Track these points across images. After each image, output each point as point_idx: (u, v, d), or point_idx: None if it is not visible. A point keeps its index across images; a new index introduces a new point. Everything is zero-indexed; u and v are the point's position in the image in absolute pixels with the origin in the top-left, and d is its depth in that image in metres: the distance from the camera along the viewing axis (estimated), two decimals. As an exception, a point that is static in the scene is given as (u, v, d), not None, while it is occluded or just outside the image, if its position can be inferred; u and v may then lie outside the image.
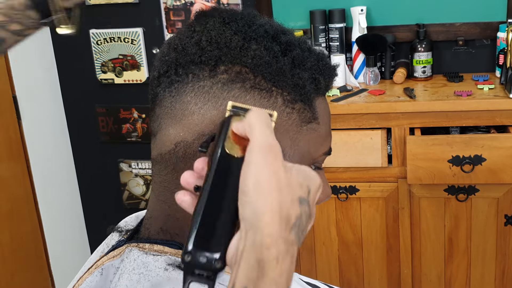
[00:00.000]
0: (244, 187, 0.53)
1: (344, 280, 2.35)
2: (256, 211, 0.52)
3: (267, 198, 0.52)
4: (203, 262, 0.54)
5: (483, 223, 2.16)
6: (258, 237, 0.52)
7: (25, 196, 2.53)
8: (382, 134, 2.13)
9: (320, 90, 0.72)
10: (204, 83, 0.67)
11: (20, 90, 2.48)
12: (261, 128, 0.55)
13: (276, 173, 0.53)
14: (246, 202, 0.53)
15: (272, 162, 0.54)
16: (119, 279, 0.69)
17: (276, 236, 0.52)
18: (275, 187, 0.53)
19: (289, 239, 0.53)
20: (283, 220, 0.52)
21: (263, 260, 0.51)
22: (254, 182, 0.53)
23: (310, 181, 0.57)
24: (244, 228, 0.53)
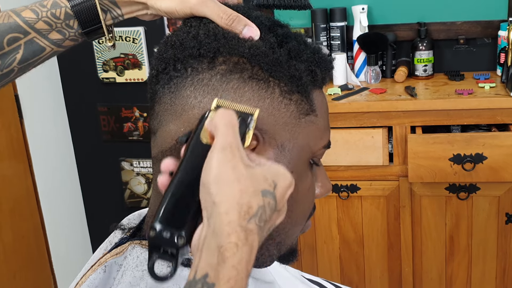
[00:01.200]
0: (205, 180, 0.56)
1: (345, 278, 2.35)
2: (215, 201, 0.55)
3: (226, 189, 0.55)
4: (166, 237, 0.57)
5: (484, 222, 2.17)
6: (218, 225, 0.54)
7: (27, 195, 2.53)
8: (383, 133, 2.14)
9: (317, 82, 0.73)
10: (203, 76, 0.68)
11: (22, 89, 2.48)
12: (223, 129, 0.58)
13: (234, 167, 0.56)
14: (206, 194, 0.56)
15: (231, 158, 0.56)
16: (122, 276, 0.70)
17: (235, 224, 0.54)
18: (234, 179, 0.55)
19: (249, 228, 0.55)
20: (242, 208, 0.55)
21: (223, 246, 0.53)
22: (213, 176, 0.55)
23: (278, 177, 0.59)
24: (205, 217, 0.56)
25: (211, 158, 0.57)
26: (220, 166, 0.56)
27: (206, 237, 0.55)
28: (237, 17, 0.70)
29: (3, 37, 0.74)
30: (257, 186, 0.57)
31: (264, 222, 0.57)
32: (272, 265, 0.81)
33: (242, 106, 0.63)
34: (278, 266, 0.94)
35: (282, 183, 0.59)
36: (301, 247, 2.33)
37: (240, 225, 0.54)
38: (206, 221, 0.56)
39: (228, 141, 0.57)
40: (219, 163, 0.56)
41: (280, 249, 0.75)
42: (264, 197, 0.57)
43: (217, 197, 0.55)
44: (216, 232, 0.54)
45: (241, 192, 0.55)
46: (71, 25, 0.75)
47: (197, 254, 0.55)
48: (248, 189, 0.56)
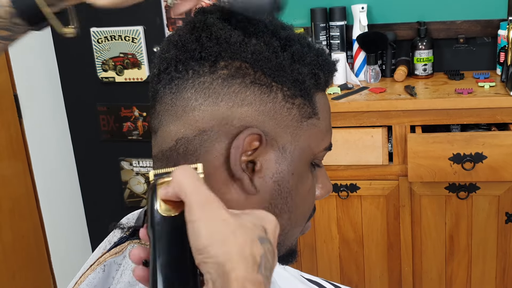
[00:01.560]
0: (198, 246, 0.52)
1: (345, 277, 2.35)
2: (219, 262, 0.51)
3: (225, 245, 0.52)
4: None
5: (484, 221, 2.16)
6: (225, 283, 0.51)
7: (26, 195, 2.53)
8: (383, 132, 2.13)
9: (320, 85, 0.73)
10: (204, 79, 0.67)
11: (21, 88, 2.48)
12: (191, 183, 0.54)
13: (224, 221, 0.53)
14: (206, 258, 0.52)
15: (216, 212, 0.53)
16: (121, 275, 0.70)
17: (242, 279, 0.51)
18: (229, 233, 0.52)
19: (258, 280, 0.52)
20: (248, 261, 0.52)
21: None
22: (206, 237, 0.52)
23: (264, 221, 0.56)
24: (210, 279, 0.52)
25: (194, 219, 0.53)
26: (209, 224, 0.52)
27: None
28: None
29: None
30: (252, 234, 0.53)
31: (269, 270, 0.54)
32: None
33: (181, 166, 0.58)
34: (277, 267, 0.94)
35: (270, 226, 0.56)
36: (300, 247, 2.33)
37: (247, 279, 0.51)
38: (212, 284, 0.52)
39: (203, 195, 0.54)
40: (206, 222, 0.52)
41: (279, 250, 0.75)
42: (263, 244, 0.54)
43: (219, 257, 0.51)
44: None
45: (241, 246, 0.52)
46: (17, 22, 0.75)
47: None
48: (246, 240, 0.52)
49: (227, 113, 0.66)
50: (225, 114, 0.66)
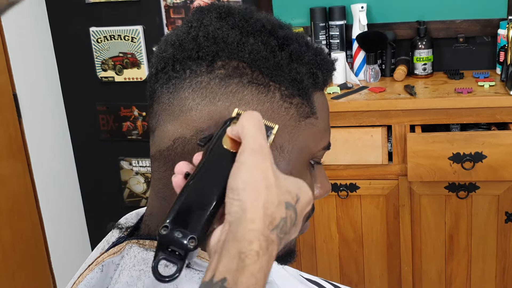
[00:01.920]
0: (233, 185, 0.55)
1: (345, 277, 2.35)
2: (243, 208, 0.54)
3: (255, 195, 0.54)
4: (178, 238, 0.56)
5: (483, 221, 2.16)
6: (241, 230, 0.53)
7: (26, 194, 2.53)
8: (382, 132, 2.13)
9: (318, 84, 0.72)
10: (202, 79, 0.67)
11: (20, 88, 2.48)
12: (252, 130, 0.57)
13: (264, 173, 0.55)
14: (234, 199, 0.55)
15: (261, 163, 0.55)
16: (120, 275, 0.69)
17: (259, 232, 0.53)
18: (264, 186, 0.55)
19: (270, 238, 0.54)
20: (267, 218, 0.54)
21: (244, 253, 0.53)
22: (243, 181, 0.55)
23: (301, 191, 0.59)
24: (228, 221, 0.55)
25: (241, 160, 0.56)
26: (251, 170, 0.55)
27: (227, 241, 0.54)
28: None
29: None
30: (282, 197, 0.56)
31: (284, 234, 0.56)
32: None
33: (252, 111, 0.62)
34: (276, 266, 0.94)
35: (304, 199, 0.59)
36: (300, 247, 2.33)
37: (263, 234, 0.54)
38: (228, 226, 0.55)
39: (258, 142, 0.56)
40: (249, 166, 0.55)
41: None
42: (287, 210, 0.56)
43: (246, 203, 0.54)
44: (238, 238, 0.53)
45: (268, 202, 0.54)
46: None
47: (214, 256, 0.55)
48: (274, 199, 0.55)
49: (225, 112, 0.66)
50: (223, 114, 0.66)
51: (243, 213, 0.54)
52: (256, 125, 0.58)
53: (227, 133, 0.59)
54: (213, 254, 0.55)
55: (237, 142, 0.59)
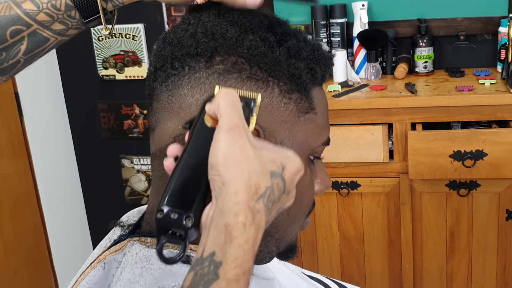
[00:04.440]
0: (213, 161, 0.56)
1: (346, 275, 2.35)
2: (224, 181, 0.55)
3: (235, 168, 0.55)
4: (174, 219, 0.57)
5: (484, 218, 2.17)
6: (226, 203, 0.54)
7: (27, 192, 2.54)
8: (383, 129, 2.13)
9: (316, 80, 0.72)
10: (200, 75, 0.67)
11: (21, 86, 2.48)
12: (227, 109, 0.57)
13: (242, 148, 0.56)
14: (215, 175, 0.56)
15: (238, 139, 0.56)
16: (122, 273, 0.70)
17: (244, 204, 0.54)
18: (242, 159, 0.55)
19: (256, 208, 0.55)
20: (251, 189, 0.55)
21: (231, 225, 0.53)
22: (222, 157, 0.55)
23: (286, 160, 0.59)
24: (214, 197, 0.56)
25: (218, 139, 0.56)
26: (228, 146, 0.56)
27: (214, 216, 0.55)
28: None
29: (6, 30, 0.74)
30: (265, 167, 0.57)
31: (272, 202, 0.57)
32: (271, 262, 0.81)
33: (244, 91, 0.62)
34: (278, 263, 0.94)
35: (291, 167, 0.59)
36: (301, 244, 2.33)
37: (248, 206, 0.54)
38: (215, 201, 0.56)
39: (233, 121, 0.57)
40: (226, 144, 0.56)
41: (279, 246, 0.75)
42: (273, 178, 0.57)
43: (226, 177, 0.55)
44: (223, 212, 0.54)
45: (249, 173, 0.55)
46: (73, 16, 0.76)
47: (204, 232, 0.56)
48: (256, 170, 0.56)
49: None
50: None
51: (225, 187, 0.55)
52: (230, 103, 0.58)
53: (206, 111, 0.60)
54: (204, 231, 0.56)
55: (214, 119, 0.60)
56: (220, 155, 0.55)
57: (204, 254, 0.54)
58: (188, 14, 0.73)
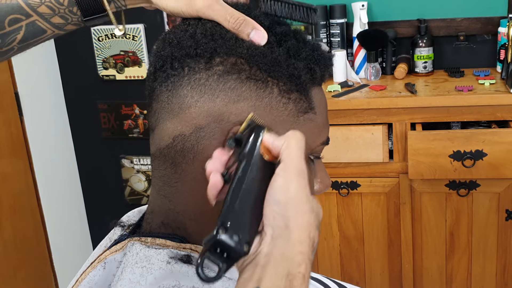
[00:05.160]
0: (279, 199, 0.56)
1: (346, 274, 2.35)
2: (288, 225, 0.55)
3: (301, 216, 0.56)
4: (232, 242, 0.57)
5: (484, 218, 2.17)
6: (289, 251, 0.55)
7: (27, 192, 2.54)
8: (383, 130, 2.14)
9: (315, 80, 0.72)
10: (200, 76, 0.67)
11: (22, 86, 2.48)
12: (298, 153, 0.59)
13: (308, 196, 0.57)
14: (277, 214, 0.56)
15: (304, 186, 0.57)
16: (122, 272, 0.70)
17: (306, 255, 0.55)
18: (308, 209, 0.56)
19: (311, 260, 0.56)
20: (310, 241, 0.56)
21: (293, 274, 0.54)
22: (288, 197, 0.56)
23: (319, 210, 0.60)
24: (271, 235, 0.56)
25: (284, 177, 0.57)
26: (296, 191, 0.57)
27: (272, 256, 0.55)
28: (244, 21, 0.69)
29: (5, 18, 0.74)
30: (316, 220, 0.58)
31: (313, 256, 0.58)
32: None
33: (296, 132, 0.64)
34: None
35: (320, 218, 0.61)
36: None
37: (308, 258, 0.56)
38: (270, 239, 0.56)
39: (302, 167, 0.58)
40: (294, 187, 0.57)
41: None
42: (316, 231, 0.58)
43: (291, 222, 0.55)
44: (286, 258, 0.55)
45: (310, 225, 0.56)
46: (74, 12, 0.76)
47: (257, 268, 0.56)
48: (314, 222, 0.57)
49: (223, 109, 0.67)
50: (221, 111, 0.67)
51: (288, 232, 0.55)
52: (301, 148, 0.59)
53: (265, 142, 0.61)
54: (251, 265, 0.56)
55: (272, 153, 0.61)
56: (287, 195, 0.56)
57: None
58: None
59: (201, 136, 0.67)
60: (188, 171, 0.69)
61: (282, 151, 0.59)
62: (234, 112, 0.67)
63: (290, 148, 0.59)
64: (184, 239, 0.71)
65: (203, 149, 0.68)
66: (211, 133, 0.67)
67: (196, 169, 0.69)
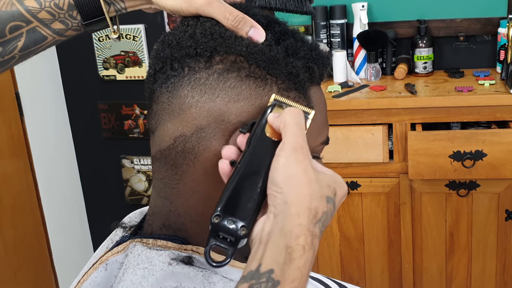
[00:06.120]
0: (276, 178, 0.58)
1: (346, 275, 2.35)
2: (287, 201, 0.56)
3: (298, 190, 0.57)
4: (229, 226, 0.59)
5: (484, 218, 2.17)
6: (288, 224, 0.56)
7: (28, 192, 2.54)
8: (383, 130, 2.14)
9: (314, 79, 0.73)
10: (200, 75, 0.67)
11: (22, 86, 2.48)
12: (293, 129, 0.60)
13: (306, 170, 0.58)
14: (277, 192, 0.57)
15: (302, 160, 0.58)
16: (124, 274, 0.70)
17: (305, 227, 0.56)
18: (306, 181, 0.57)
19: (314, 232, 0.57)
20: (311, 212, 0.57)
21: (292, 247, 0.55)
22: (285, 176, 0.57)
23: (338, 185, 0.61)
24: (272, 212, 0.57)
25: (282, 156, 0.58)
26: (292, 167, 0.58)
27: (272, 233, 0.56)
28: (243, 18, 0.70)
29: (5, 25, 0.74)
30: (323, 191, 0.58)
31: (324, 227, 0.59)
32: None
33: (299, 105, 0.65)
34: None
35: (340, 192, 0.61)
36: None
37: (308, 229, 0.56)
38: (273, 217, 0.57)
39: (298, 142, 0.59)
40: (291, 163, 0.58)
41: None
42: (328, 203, 0.59)
43: (289, 197, 0.56)
44: (285, 232, 0.55)
45: (311, 196, 0.57)
46: (74, 16, 0.76)
47: (260, 246, 0.57)
48: (316, 194, 0.57)
49: (224, 109, 0.67)
50: (222, 110, 0.67)
51: (287, 207, 0.56)
52: (297, 124, 0.60)
53: (269, 122, 0.63)
54: (256, 244, 0.58)
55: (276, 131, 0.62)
56: (284, 174, 0.57)
57: (261, 269, 0.55)
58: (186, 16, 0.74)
59: (201, 137, 0.67)
60: (189, 173, 0.69)
61: (281, 130, 0.61)
62: (234, 112, 0.67)
63: (286, 126, 0.60)
64: (186, 240, 0.72)
65: (203, 150, 0.68)
66: (211, 133, 0.67)
67: (196, 171, 0.69)
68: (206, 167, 0.68)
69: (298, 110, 0.62)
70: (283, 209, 0.56)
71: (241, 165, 0.61)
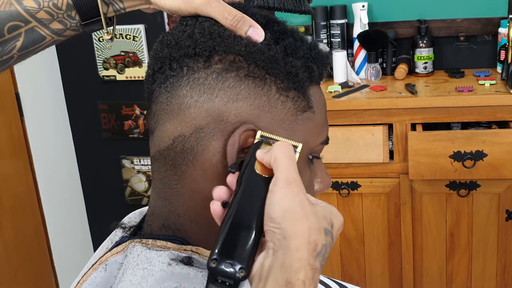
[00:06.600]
0: (272, 214, 0.57)
1: (346, 275, 2.35)
2: (286, 236, 0.56)
3: (296, 224, 0.56)
4: (227, 270, 0.57)
5: (484, 219, 2.17)
6: (288, 260, 0.55)
7: (28, 193, 2.54)
8: (383, 130, 2.14)
9: (313, 78, 0.73)
10: (199, 75, 0.67)
11: (22, 87, 2.48)
12: (285, 162, 0.59)
13: (302, 203, 0.57)
14: (275, 228, 0.56)
15: (297, 194, 0.58)
16: (123, 274, 0.70)
17: (305, 261, 0.55)
18: (303, 214, 0.56)
19: (315, 266, 0.56)
20: (311, 245, 0.56)
21: (292, 282, 0.54)
22: (282, 210, 0.56)
23: (334, 216, 0.61)
24: (272, 248, 0.56)
25: (276, 191, 0.58)
26: (288, 201, 0.57)
27: (273, 269, 0.55)
28: (242, 18, 0.69)
29: (4, 25, 0.74)
30: (320, 224, 0.58)
31: (324, 260, 0.59)
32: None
33: (286, 139, 0.65)
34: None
35: (337, 223, 0.61)
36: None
37: (308, 263, 0.55)
38: (272, 253, 0.56)
39: (292, 175, 0.58)
40: (286, 198, 0.57)
41: None
42: (326, 236, 0.58)
43: (287, 231, 0.56)
44: (285, 267, 0.55)
45: (309, 230, 0.56)
46: (73, 16, 0.75)
47: (260, 283, 0.56)
48: (314, 226, 0.57)
49: (223, 109, 0.67)
50: (221, 110, 0.67)
51: (287, 242, 0.55)
52: (288, 157, 0.60)
53: (258, 158, 0.62)
54: (256, 280, 0.57)
55: (268, 167, 0.61)
56: (280, 209, 0.57)
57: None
58: (184, 16, 0.74)
59: (200, 137, 0.67)
60: (188, 173, 0.69)
61: (272, 165, 0.60)
62: (233, 112, 0.67)
63: (277, 160, 0.59)
64: (185, 241, 0.72)
65: (202, 150, 0.68)
66: (210, 133, 0.67)
67: (196, 171, 0.69)
68: (205, 168, 0.68)
69: (287, 144, 0.61)
70: (282, 244, 0.56)
71: (234, 205, 0.60)
